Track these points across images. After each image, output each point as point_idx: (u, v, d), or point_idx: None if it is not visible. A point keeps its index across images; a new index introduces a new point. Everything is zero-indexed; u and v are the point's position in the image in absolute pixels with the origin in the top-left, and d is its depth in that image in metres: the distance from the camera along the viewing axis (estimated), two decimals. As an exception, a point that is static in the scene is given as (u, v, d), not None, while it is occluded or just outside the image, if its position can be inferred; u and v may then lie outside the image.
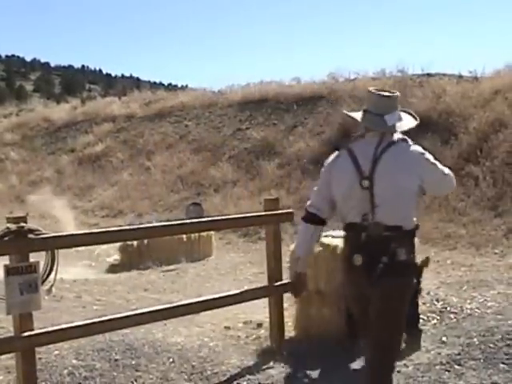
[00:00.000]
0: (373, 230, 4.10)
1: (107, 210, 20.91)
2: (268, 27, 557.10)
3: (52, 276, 5.21)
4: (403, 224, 4.14)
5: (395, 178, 4.10)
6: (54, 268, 5.20)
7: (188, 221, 6.61)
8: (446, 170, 4.32)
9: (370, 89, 4.44)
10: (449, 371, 5.76)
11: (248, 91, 24.87)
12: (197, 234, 14.20)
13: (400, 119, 4.33)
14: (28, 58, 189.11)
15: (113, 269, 13.77)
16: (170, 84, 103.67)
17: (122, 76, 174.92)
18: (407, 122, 4.38)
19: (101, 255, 14.96)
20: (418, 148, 4.26)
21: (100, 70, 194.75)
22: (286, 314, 7.03)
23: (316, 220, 4.45)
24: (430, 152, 4.32)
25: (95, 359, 6.62)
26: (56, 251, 5.23)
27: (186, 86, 58.48)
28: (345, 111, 5.07)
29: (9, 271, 4.85)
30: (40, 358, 6.10)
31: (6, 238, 4.87)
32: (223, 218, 7.29)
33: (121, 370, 6.37)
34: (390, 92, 4.41)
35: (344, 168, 4.25)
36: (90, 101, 34.96)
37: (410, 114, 4.48)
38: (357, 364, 6.25)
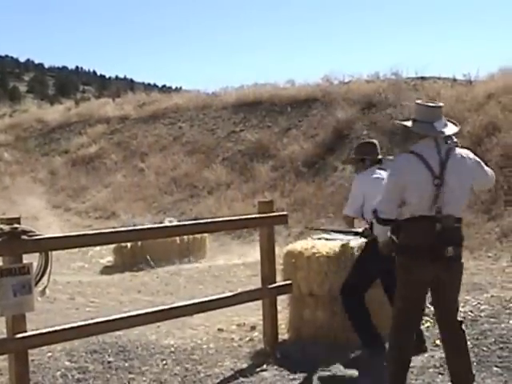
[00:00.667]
0: (446, 222, 4.85)
1: (100, 212, 20.90)
2: (263, 30, 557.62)
3: (45, 278, 5.18)
4: (461, 215, 5.02)
5: (460, 178, 4.91)
6: (48, 269, 5.17)
7: (182, 223, 6.60)
8: (490, 171, 5.26)
9: (418, 101, 5.30)
10: (442, 374, 5.75)
11: (242, 93, 24.86)
12: (190, 236, 14.20)
13: (446, 125, 5.09)
14: (22, 59, 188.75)
15: (106, 270, 13.77)
16: (164, 86, 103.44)
17: (116, 77, 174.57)
18: (451, 128, 5.11)
19: (94, 257, 14.95)
20: (471, 153, 5.14)
21: (94, 72, 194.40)
22: (279, 316, 7.02)
23: (388, 222, 5.06)
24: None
25: (88, 361, 6.61)
26: (49, 253, 5.21)
27: (180, 87, 58.53)
28: (396, 121, 5.92)
29: (2, 272, 4.83)
30: (33, 360, 6.09)
31: (0, 239, 4.85)
32: (217, 220, 7.25)
33: (114, 372, 6.35)
34: (436, 103, 5.21)
35: (418, 170, 4.88)
36: (83, 102, 34.89)
37: (452, 122, 5.20)
38: (350, 366, 6.25)
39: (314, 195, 16.98)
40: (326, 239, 7.21)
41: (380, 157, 6.95)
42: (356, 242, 6.85)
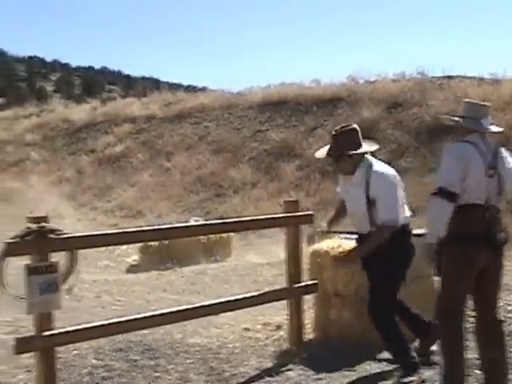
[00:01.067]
0: (492, 211, 5.05)
1: (126, 211, 20.97)
2: (288, 28, 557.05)
3: (72, 276, 5.21)
4: (500, 207, 5.22)
5: (507, 172, 5.19)
6: (75, 268, 5.20)
7: (207, 222, 6.62)
8: None
9: (466, 100, 5.58)
10: (469, 375, 5.71)
11: (268, 93, 24.87)
12: (217, 235, 14.20)
13: (492, 124, 5.34)
14: (49, 59, 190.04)
15: (132, 269, 13.81)
16: (189, 85, 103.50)
17: (142, 77, 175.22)
18: (496, 127, 5.40)
19: (120, 255, 15.01)
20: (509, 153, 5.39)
21: (120, 71, 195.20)
22: (305, 316, 7.01)
23: (456, 199, 4.96)
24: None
25: (114, 359, 6.64)
26: (76, 251, 5.24)
27: (206, 87, 58.45)
28: (447, 116, 5.89)
29: (29, 271, 4.87)
30: (59, 358, 6.13)
31: (27, 238, 4.88)
32: (243, 219, 7.26)
33: (140, 370, 6.38)
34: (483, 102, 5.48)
35: (476, 158, 5.04)
36: (109, 102, 35.04)
37: (494, 124, 5.44)
38: (375, 367, 6.23)
39: (340, 194, 16.90)
40: (347, 238, 7.16)
41: (364, 149, 6.09)
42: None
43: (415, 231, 6.34)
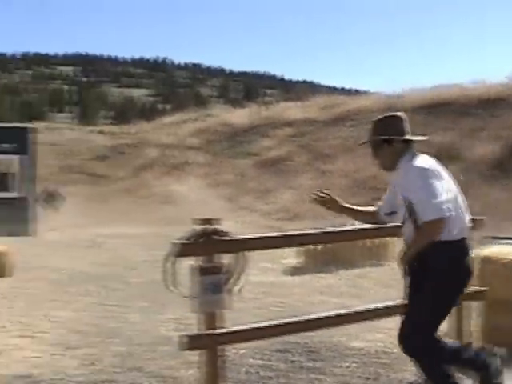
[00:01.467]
0: None
1: (283, 214, 21.20)
2: (442, 30, 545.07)
3: (241, 278, 5.33)
4: None
5: None
6: (244, 270, 5.32)
7: (370, 226, 6.58)
8: None
9: None
10: None
11: (425, 94, 24.49)
12: (381, 239, 14.06)
13: None
14: (210, 65, 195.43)
15: (291, 271, 13.91)
16: (346, 88, 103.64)
17: (300, 81, 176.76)
18: None
19: (280, 257, 15.17)
20: None
21: (277, 76, 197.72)
22: (472, 323, 6.83)
23: None
24: None
25: (272, 360, 6.75)
26: (244, 253, 5.35)
27: (367, 91, 58.05)
28: None
29: (201, 271, 5.03)
30: (220, 356, 6.29)
31: (198, 239, 5.05)
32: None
33: (299, 371, 6.44)
34: None
35: None
36: (268, 106, 35.56)
37: None
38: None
39: (503, 198, 16.41)
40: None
41: (408, 137, 5.03)
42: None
43: None
